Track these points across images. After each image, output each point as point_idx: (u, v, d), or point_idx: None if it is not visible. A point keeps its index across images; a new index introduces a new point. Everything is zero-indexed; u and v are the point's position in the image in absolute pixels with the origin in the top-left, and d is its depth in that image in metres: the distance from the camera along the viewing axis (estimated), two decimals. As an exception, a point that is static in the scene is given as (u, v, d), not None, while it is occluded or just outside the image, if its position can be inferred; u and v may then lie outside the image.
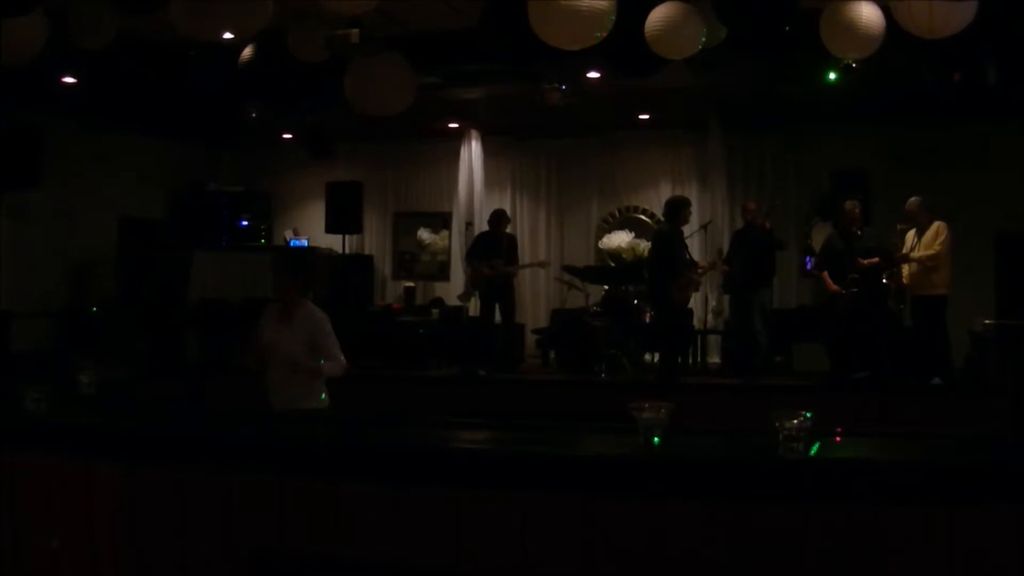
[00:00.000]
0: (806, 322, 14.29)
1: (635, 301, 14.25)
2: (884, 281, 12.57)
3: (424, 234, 18.88)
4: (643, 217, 17.48)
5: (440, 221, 18.80)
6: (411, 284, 18.43)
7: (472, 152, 17.82)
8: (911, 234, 12.37)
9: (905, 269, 12.39)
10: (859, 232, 12.67)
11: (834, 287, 12.66)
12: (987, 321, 13.06)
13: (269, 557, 4.35)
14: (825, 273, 12.86)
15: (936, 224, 12.13)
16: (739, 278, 13.34)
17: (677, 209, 13.16)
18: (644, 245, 16.50)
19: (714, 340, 15.92)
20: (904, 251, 12.33)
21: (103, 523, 4.70)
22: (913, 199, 12.38)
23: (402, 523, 4.18)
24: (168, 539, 4.57)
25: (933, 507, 3.66)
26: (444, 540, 4.10)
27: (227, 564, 4.44)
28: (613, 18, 8.02)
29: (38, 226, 15.24)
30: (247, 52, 10.47)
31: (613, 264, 17.07)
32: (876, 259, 12.46)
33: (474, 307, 15.39)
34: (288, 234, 18.61)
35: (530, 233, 18.09)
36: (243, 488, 4.47)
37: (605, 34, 8.11)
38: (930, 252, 12.02)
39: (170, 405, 7.07)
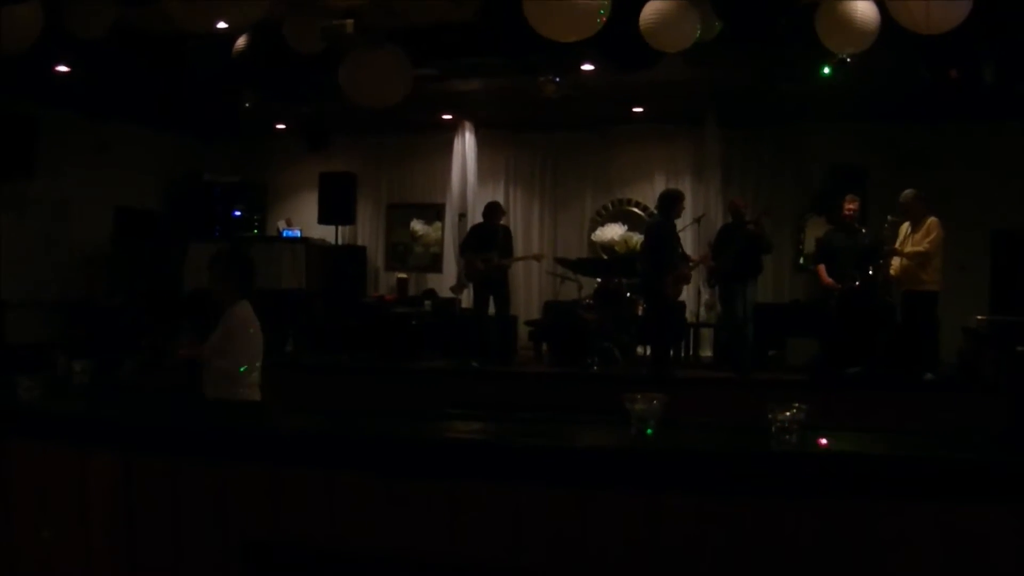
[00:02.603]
0: (799, 317, 14.31)
1: (628, 294, 14.29)
2: (871, 273, 12.58)
3: (417, 226, 18.89)
4: (636, 210, 17.49)
5: (433, 213, 18.80)
6: (404, 276, 18.38)
7: (466, 144, 17.77)
8: (905, 227, 12.39)
9: (896, 262, 12.39)
10: (864, 230, 12.69)
11: (828, 280, 12.69)
12: (981, 317, 13.09)
13: (263, 548, 4.36)
14: (821, 267, 12.89)
15: (929, 220, 12.13)
16: (726, 272, 13.38)
17: (671, 202, 13.19)
18: (637, 238, 16.54)
19: (707, 333, 15.93)
20: (897, 244, 12.35)
21: (97, 513, 4.70)
22: (907, 191, 12.38)
23: (396, 514, 4.18)
24: (162, 529, 4.57)
25: (928, 501, 3.67)
26: (438, 531, 4.11)
27: (221, 555, 4.44)
28: (608, 11, 8.03)
29: (33, 216, 15.22)
30: (242, 42, 10.47)
31: (606, 257, 17.11)
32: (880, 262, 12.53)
33: (467, 299, 15.39)
34: (281, 225, 18.59)
35: (523, 225, 18.09)
36: (237, 479, 4.47)
37: (601, 25, 8.12)
38: (919, 249, 12.04)
39: (165, 395, 7.06)
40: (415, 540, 4.14)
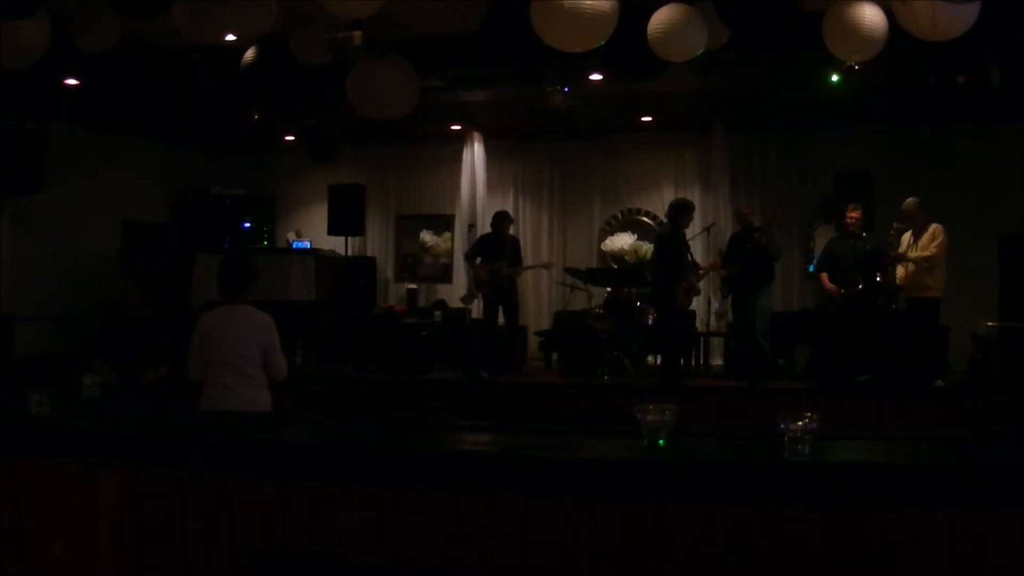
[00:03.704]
0: (809, 325, 14.27)
1: (638, 303, 14.26)
2: (878, 279, 12.58)
3: (427, 236, 18.90)
4: (646, 219, 17.49)
5: (443, 223, 18.83)
6: (414, 286, 18.45)
7: (474, 154, 17.83)
8: (907, 235, 12.40)
9: (900, 270, 12.41)
10: (864, 234, 12.70)
11: (830, 286, 12.70)
12: (990, 323, 13.07)
13: (271, 560, 4.35)
14: (823, 275, 12.90)
15: (933, 226, 12.17)
16: (739, 282, 13.34)
17: (680, 212, 13.17)
18: (647, 247, 16.55)
19: (717, 342, 15.92)
20: (900, 251, 12.37)
21: (106, 526, 4.70)
22: (910, 199, 12.42)
23: (404, 526, 4.17)
24: (171, 544, 4.57)
25: (936, 508, 3.66)
26: (446, 543, 4.10)
27: (229, 567, 4.44)
28: (616, 20, 8.02)
29: (41, 230, 15.25)
30: (249, 55, 10.47)
31: (616, 266, 17.09)
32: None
33: (477, 309, 15.39)
34: (291, 236, 18.62)
35: (532, 235, 18.11)
36: (245, 491, 4.46)
37: (608, 35, 8.12)
38: (926, 254, 12.07)
39: (173, 409, 7.06)
40: (424, 552, 4.14)
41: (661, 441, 4.04)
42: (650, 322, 14.04)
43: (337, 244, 17.50)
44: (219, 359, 7.22)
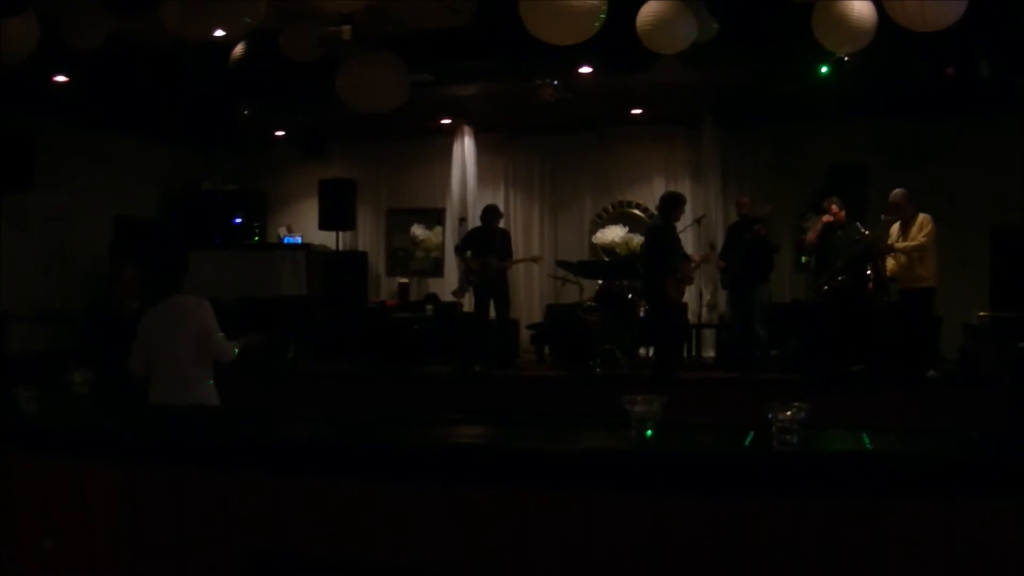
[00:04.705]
0: (800, 316, 14.28)
1: (629, 295, 14.25)
2: (868, 272, 12.59)
3: (418, 230, 18.90)
4: (637, 212, 17.49)
5: (434, 217, 18.82)
6: (405, 280, 18.42)
7: (465, 148, 17.82)
8: (895, 226, 12.41)
9: (891, 262, 12.42)
10: (859, 226, 12.73)
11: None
12: (982, 313, 13.09)
13: (267, 558, 4.35)
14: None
15: (921, 216, 12.17)
16: (737, 274, 13.35)
17: (671, 205, 13.16)
18: (638, 239, 16.55)
19: (709, 334, 15.92)
20: (889, 242, 12.37)
21: (100, 525, 4.69)
22: (897, 190, 12.43)
23: (400, 522, 4.17)
24: (166, 540, 4.56)
25: (932, 499, 3.65)
26: (442, 538, 4.10)
27: (225, 565, 4.43)
28: (604, 13, 8.03)
29: (33, 228, 15.22)
30: (238, 50, 10.47)
31: (607, 259, 17.10)
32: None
33: (468, 303, 15.39)
34: (282, 231, 18.62)
35: (523, 228, 18.11)
36: (241, 489, 4.46)
37: (598, 28, 8.13)
38: (915, 243, 12.06)
39: (168, 405, 7.04)
40: (420, 548, 4.14)
41: (649, 432, 4.05)
42: (642, 314, 14.05)
43: (328, 239, 17.48)
44: (157, 361, 7.14)
